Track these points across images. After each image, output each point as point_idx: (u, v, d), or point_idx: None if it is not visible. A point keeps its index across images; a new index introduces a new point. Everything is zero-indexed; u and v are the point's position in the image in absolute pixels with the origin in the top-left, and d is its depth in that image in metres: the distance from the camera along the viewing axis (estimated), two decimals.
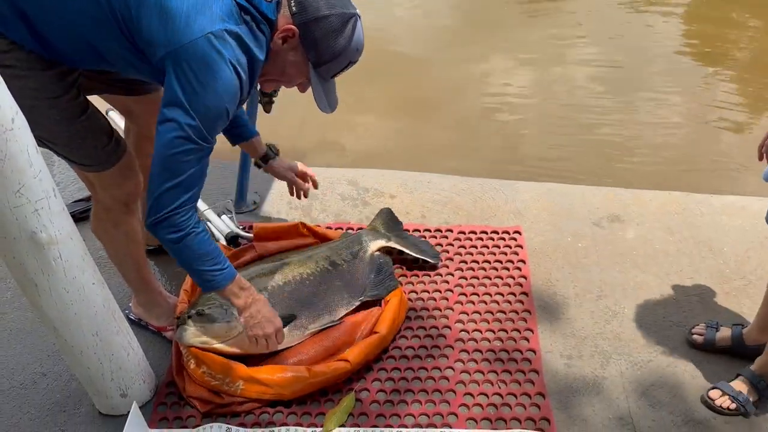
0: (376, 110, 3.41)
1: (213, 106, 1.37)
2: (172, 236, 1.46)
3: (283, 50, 1.46)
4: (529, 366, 1.84)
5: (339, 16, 1.43)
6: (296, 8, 1.42)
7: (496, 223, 2.34)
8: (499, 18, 4.45)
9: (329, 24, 1.43)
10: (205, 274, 1.54)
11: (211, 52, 1.33)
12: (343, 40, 1.46)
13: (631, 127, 3.28)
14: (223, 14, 1.34)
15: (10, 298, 2.11)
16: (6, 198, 1.24)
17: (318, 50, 1.46)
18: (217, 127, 1.44)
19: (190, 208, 1.48)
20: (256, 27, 1.40)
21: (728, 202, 2.41)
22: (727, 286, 2.07)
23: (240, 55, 1.37)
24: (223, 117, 1.41)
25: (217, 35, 1.33)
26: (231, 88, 1.37)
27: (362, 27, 1.50)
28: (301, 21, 1.42)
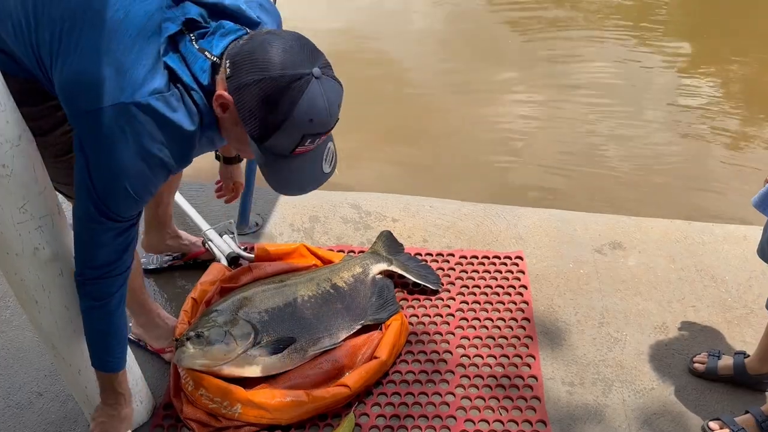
0: (375, 139, 3.43)
1: (111, 186, 1.22)
2: (89, 303, 1.36)
3: (226, 120, 1.24)
4: (530, 392, 1.82)
5: (277, 79, 1.15)
6: (230, 71, 1.18)
7: (498, 248, 2.34)
8: (500, 51, 4.50)
9: (262, 90, 1.16)
10: (109, 350, 1.43)
11: (111, 127, 1.17)
12: (282, 111, 1.17)
13: (632, 156, 3.30)
14: (139, 80, 1.16)
15: (8, 317, 2.10)
16: (10, 213, 1.24)
17: (254, 124, 1.20)
18: (127, 207, 1.27)
19: (118, 275, 1.35)
20: (186, 94, 1.22)
21: (730, 230, 2.41)
22: (729, 314, 2.06)
23: (154, 131, 1.19)
24: (129, 197, 1.24)
25: (122, 109, 1.16)
26: (131, 169, 1.20)
27: (327, 89, 1.19)
28: (234, 86, 1.18)
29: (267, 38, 1.18)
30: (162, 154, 1.22)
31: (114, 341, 1.42)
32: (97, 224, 1.26)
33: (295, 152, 1.23)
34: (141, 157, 1.20)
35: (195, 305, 1.96)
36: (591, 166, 3.23)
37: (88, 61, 1.16)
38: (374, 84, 3.93)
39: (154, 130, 1.19)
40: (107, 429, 1.52)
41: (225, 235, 2.33)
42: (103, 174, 1.21)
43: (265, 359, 1.75)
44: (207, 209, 2.52)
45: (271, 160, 1.25)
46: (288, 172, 1.27)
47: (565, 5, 5.04)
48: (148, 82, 1.17)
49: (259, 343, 1.76)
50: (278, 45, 1.17)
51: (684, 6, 5.08)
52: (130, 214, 1.29)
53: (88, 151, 1.20)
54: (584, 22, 4.73)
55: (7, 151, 1.18)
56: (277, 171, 1.27)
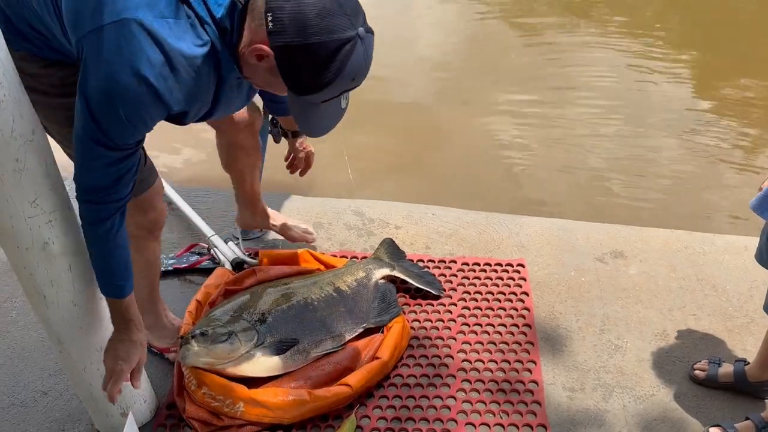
0: (378, 152, 3.46)
1: (105, 108, 1.20)
2: (87, 217, 1.34)
3: (259, 67, 1.24)
4: (531, 397, 1.83)
5: (327, 44, 1.16)
6: (273, 26, 1.16)
7: (500, 255, 2.35)
8: (500, 61, 4.55)
9: (313, 55, 1.17)
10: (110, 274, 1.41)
11: (110, 45, 1.15)
12: (332, 74, 1.19)
13: (633, 169, 3.32)
14: (145, 2, 1.15)
15: (14, 318, 2.12)
16: (22, 208, 1.27)
17: (298, 81, 1.23)
18: (120, 133, 1.24)
19: (107, 203, 1.33)
20: (198, 23, 1.20)
21: (730, 241, 2.42)
22: (729, 323, 2.07)
23: (152, 52, 1.16)
24: (121, 122, 1.21)
25: (123, 25, 1.14)
26: (124, 92, 1.17)
27: (367, 46, 1.21)
28: (277, 44, 1.17)
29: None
30: (158, 84, 1.18)
31: (114, 265, 1.39)
32: (91, 148, 1.25)
33: (328, 101, 1.27)
34: (135, 81, 1.17)
35: (199, 307, 1.98)
36: (592, 178, 3.25)
37: None
38: (375, 94, 3.97)
39: (154, 55, 1.16)
40: (119, 354, 1.47)
41: (230, 241, 2.35)
42: (99, 95, 1.19)
43: (268, 360, 1.77)
44: (212, 215, 2.55)
45: (305, 107, 1.28)
46: (318, 117, 1.31)
47: (567, 15, 5.09)
48: (156, 5, 1.15)
49: (263, 344, 1.77)
50: (326, 3, 1.15)
51: (687, 18, 5.13)
52: (125, 142, 1.26)
53: (88, 71, 1.19)
54: (586, 31, 4.78)
55: (20, 146, 1.21)
56: (308, 117, 1.31)
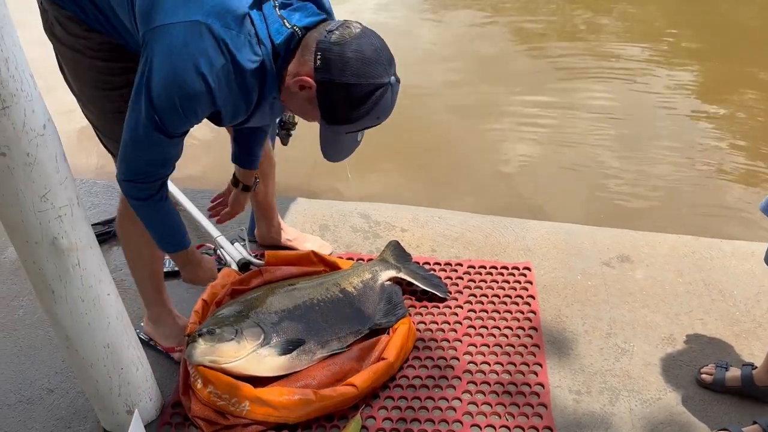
0: (387, 158, 3.47)
1: (165, 95, 1.32)
2: (135, 195, 1.50)
3: (300, 95, 1.39)
4: (537, 400, 1.82)
5: (364, 86, 1.32)
6: (320, 64, 1.32)
7: (506, 259, 2.35)
8: (508, 70, 4.56)
9: (350, 94, 1.33)
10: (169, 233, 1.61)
11: (178, 40, 1.28)
12: (363, 111, 1.35)
13: (641, 176, 3.31)
14: (218, 10, 1.29)
15: (21, 316, 2.13)
16: (32, 202, 1.28)
17: (333, 113, 1.38)
18: (173, 121, 1.37)
19: (154, 181, 1.49)
20: (256, 42, 1.34)
21: (737, 246, 2.42)
22: (737, 328, 2.06)
23: (214, 56, 1.30)
24: (176, 111, 1.35)
25: (194, 26, 1.28)
26: (183, 84, 1.31)
27: (395, 92, 1.38)
28: (321, 80, 1.33)
29: (359, 44, 1.31)
30: (213, 84, 1.32)
31: (167, 228, 1.60)
32: (144, 133, 1.37)
33: (348, 133, 1.43)
34: (195, 77, 1.30)
35: (206, 306, 1.98)
36: (598, 183, 3.25)
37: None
38: None
39: (215, 58, 1.30)
40: (200, 277, 1.74)
41: (236, 242, 2.36)
42: (161, 85, 1.32)
43: (274, 359, 1.77)
44: None
45: (331, 136, 1.43)
46: (339, 145, 1.47)
47: (575, 25, 5.10)
48: (225, 16, 1.29)
49: (269, 343, 1.78)
50: (367, 50, 1.31)
51: (693, 28, 5.13)
52: (175, 131, 1.41)
53: (151, 62, 1.31)
54: (595, 41, 4.78)
55: (32, 140, 1.22)
56: (332, 143, 1.45)
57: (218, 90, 1.34)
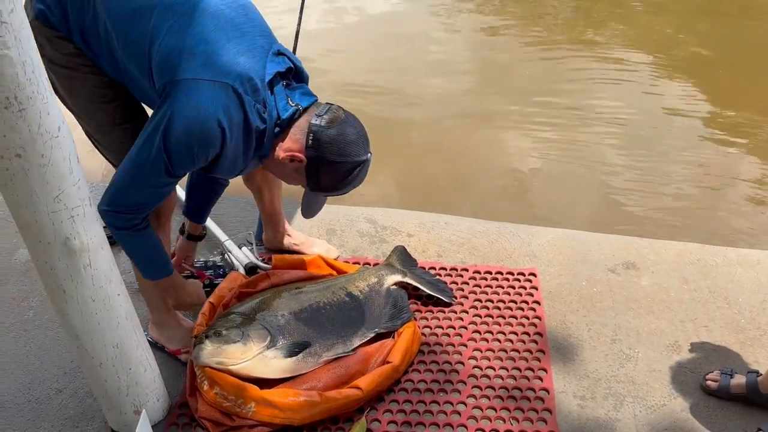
0: (391, 165, 3.49)
1: (182, 142, 1.46)
2: (118, 225, 1.59)
3: (289, 165, 1.61)
4: (541, 405, 1.83)
5: (347, 164, 1.58)
6: (312, 143, 1.56)
7: (512, 264, 2.36)
8: (516, 79, 4.58)
9: (336, 170, 1.59)
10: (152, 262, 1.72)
11: (203, 95, 1.44)
12: (342, 183, 1.62)
13: (648, 183, 3.32)
14: (244, 78, 1.47)
15: (32, 317, 2.16)
16: (45, 203, 1.30)
17: (318, 183, 1.63)
18: (182, 165, 1.52)
19: (143, 213, 1.60)
20: (264, 111, 1.53)
21: (743, 254, 2.42)
22: (742, 335, 2.06)
23: (234, 113, 1.48)
24: (189, 157, 1.49)
25: (219, 86, 1.45)
26: (205, 134, 1.46)
27: (369, 165, 1.65)
28: (312, 156, 1.57)
29: (343, 125, 1.58)
30: (228, 135, 1.48)
31: (151, 255, 1.70)
32: (150, 173, 1.51)
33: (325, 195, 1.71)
34: (217, 128, 1.46)
35: (213, 309, 2.00)
36: (605, 192, 3.26)
37: (201, 42, 1.46)
38: (389, 109, 4.02)
39: (235, 115, 1.48)
40: (186, 301, 1.88)
41: (244, 247, 2.38)
42: (181, 132, 1.45)
43: (280, 361, 1.78)
44: (226, 220, 2.58)
45: (312, 198, 1.70)
46: (315, 204, 1.73)
47: (582, 36, 5.12)
48: (247, 84, 1.48)
49: (275, 346, 1.79)
50: (352, 134, 1.59)
51: (704, 38, 5.14)
52: (181, 171, 1.55)
53: (174, 110, 1.44)
54: (604, 52, 4.80)
55: (46, 142, 1.25)
56: (311, 204, 1.73)
57: (230, 141, 1.50)
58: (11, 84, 1.16)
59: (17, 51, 1.15)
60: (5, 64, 1.14)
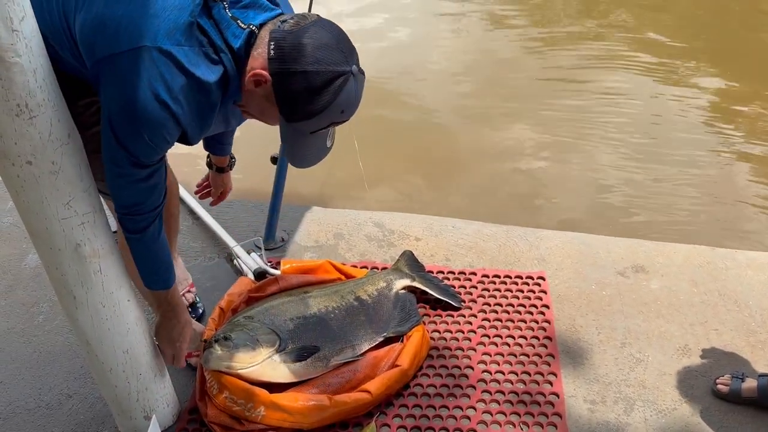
0: (396, 167, 3.49)
1: (129, 131, 1.26)
2: (129, 227, 1.44)
3: (257, 93, 1.30)
4: (551, 409, 1.82)
5: (322, 74, 1.23)
6: (274, 53, 1.24)
7: (520, 268, 2.36)
8: (522, 79, 4.57)
9: (309, 82, 1.23)
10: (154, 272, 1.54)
11: (129, 71, 1.21)
12: (322, 102, 1.26)
13: (657, 186, 3.31)
14: (164, 30, 1.21)
15: (41, 322, 2.17)
16: (56, 209, 1.31)
17: (292, 106, 1.28)
18: (146, 153, 1.31)
19: (147, 213, 1.43)
20: (212, 51, 1.26)
21: (753, 257, 2.41)
22: (752, 338, 2.05)
23: (170, 76, 1.22)
24: (145, 144, 1.28)
25: (142, 53, 1.20)
26: (145, 116, 1.23)
27: (359, 84, 1.30)
28: (276, 70, 1.24)
29: (315, 31, 1.24)
30: (175, 108, 1.25)
31: (156, 265, 1.53)
32: (121, 169, 1.33)
33: (315, 132, 1.33)
34: (155, 105, 1.23)
35: (222, 314, 2.01)
36: (612, 195, 3.25)
37: (112, 4, 1.22)
38: (396, 113, 4.02)
39: (173, 80, 1.22)
40: (173, 336, 1.65)
41: (252, 252, 2.39)
42: (121, 119, 1.26)
43: (288, 366, 1.79)
44: (234, 225, 2.59)
45: (294, 136, 1.34)
46: (304, 147, 1.37)
47: (587, 32, 5.11)
48: (174, 33, 1.21)
49: (284, 350, 1.79)
50: (323, 37, 1.24)
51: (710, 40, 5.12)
52: (150, 159, 1.34)
53: (108, 97, 1.25)
54: (606, 49, 4.78)
55: (57, 149, 1.25)
56: (295, 145, 1.37)
57: (182, 114, 1.27)
58: (22, 91, 1.17)
59: (28, 58, 1.16)
60: (16, 71, 1.15)
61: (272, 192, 2.42)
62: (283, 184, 2.41)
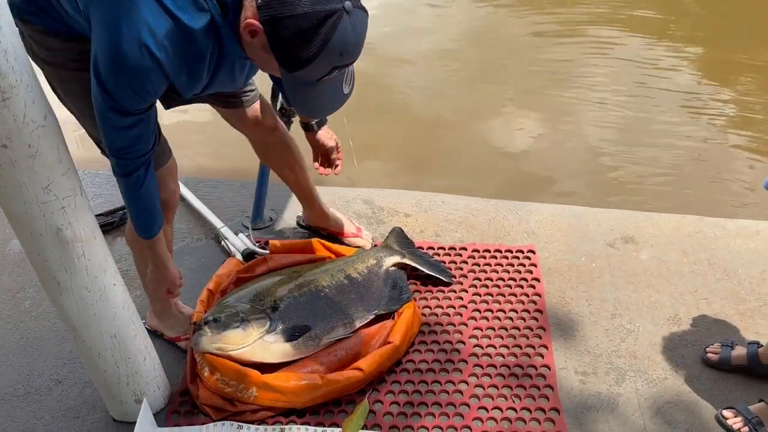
0: (384, 147, 3.46)
1: (112, 77, 1.24)
2: (116, 170, 1.45)
3: (254, 44, 1.26)
4: (543, 381, 1.83)
5: (310, 15, 1.17)
6: (262, 1, 1.20)
7: (510, 242, 2.35)
8: (510, 56, 4.53)
9: (298, 25, 1.18)
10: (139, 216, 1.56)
11: (111, 15, 1.20)
12: (316, 44, 1.20)
13: (645, 156, 3.30)
14: None
15: (28, 308, 2.14)
16: (35, 194, 1.28)
17: (287, 54, 1.23)
18: (129, 101, 1.30)
19: (134, 159, 1.43)
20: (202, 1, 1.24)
21: (742, 225, 2.41)
22: (742, 306, 2.06)
23: (156, 23, 1.19)
24: (127, 91, 1.27)
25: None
26: (127, 62, 1.21)
27: (357, 22, 1.22)
28: (266, 17, 1.20)
29: None
30: (158, 53, 1.22)
31: (139, 210, 1.54)
32: (106, 114, 1.32)
33: (322, 79, 1.27)
34: (137, 50, 1.20)
35: (211, 296, 1.99)
36: (601, 166, 3.24)
37: None
38: (384, 91, 3.98)
39: (157, 24, 1.20)
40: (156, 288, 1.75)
41: (240, 233, 2.36)
42: (106, 66, 1.24)
43: (280, 346, 1.78)
44: (221, 205, 2.56)
45: (299, 86, 1.29)
46: (314, 97, 1.31)
47: (574, 12, 5.06)
48: None
49: (275, 330, 1.78)
50: None
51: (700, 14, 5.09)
52: (135, 108, 1.32)
53: (95, 40, 1.24)
54: (595, 27, 4.75)
55: (33, 131, 1.22)
56: (304, 96, 1.31)
57: (167, 61, 1.24)
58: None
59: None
60: None
61: (259, 171, 2.39)
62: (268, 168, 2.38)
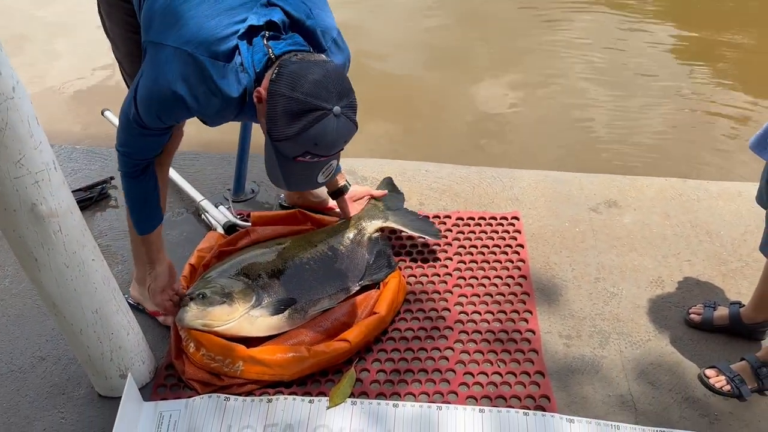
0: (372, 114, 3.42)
1: (145, 102, 1.48)
2: (120, 167, 1.64)
3: (260, 109, 1.44)
4: (528, 346, 1.84)
5: (302, 103, 1.34)
6: (275, 76, 1.38)
7: (494, 209, 2.35)
8: (490, 27, 4.48)
9: (288, 105, 1.36)
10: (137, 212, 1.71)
11: (165, 61, 1.43)
12: (296, 128, 1.36)
13: (627, 120, 3.30)
14: (209, 42, 1.40)
15: (8, 286, 2.11)
16: (7, 168, 1.24)
17: (273, 124, 1.39)
18: (151, 122, 1.51)
19: (137, 161, 1.62)
20: (241, 70, 1.44)
21: (724, 187, 2.42)
22: (724, 268, 2.08)
23: (195, 81, 1.42)
24: (153, 116, 1.49)
25: (179, 54, 1.41)
26: (161, 98, 1.45)
27: (341, 125, 1.38)
28: (272, 90, 1.38)
29: (312, 64, 1.38)
30: (190, 101, 1.45)
31: (134, 205, 1.70)
32: (129, 123, 1.54)
33: (296, 159, 1.43)
34: (172, 98, 1.44)
35: (193, 271, 1.97)
36: (583, 132, 3.24)
37: (177, 4, 1.43)
38: (362, 60, 3.92)
39: (197, 87, 1.43)
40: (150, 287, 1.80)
41: (221, 206, 2.33)
42: (143, 94, 1.48)
43: (266, 320, 1.77)
44: (202, 178, 2.53)
45: (277, 155, 1.44)
46: (286, 171, 1.46)
47: None
48: (212, 47, 1.41)
49: (260, 304, 1.77)
50: (317, 74, 1.36)
51: None
52: (155, 127, 1.54)
53: (144, 69, 1.49)
54: None
55: (1, 104, 1.18)
56: (277, 167, 1.45)
57: (198, 107, 1.46)
58: None
59: None
60: None
61: (239, 143, 2.35)
62: (249, 134, 2.34)
